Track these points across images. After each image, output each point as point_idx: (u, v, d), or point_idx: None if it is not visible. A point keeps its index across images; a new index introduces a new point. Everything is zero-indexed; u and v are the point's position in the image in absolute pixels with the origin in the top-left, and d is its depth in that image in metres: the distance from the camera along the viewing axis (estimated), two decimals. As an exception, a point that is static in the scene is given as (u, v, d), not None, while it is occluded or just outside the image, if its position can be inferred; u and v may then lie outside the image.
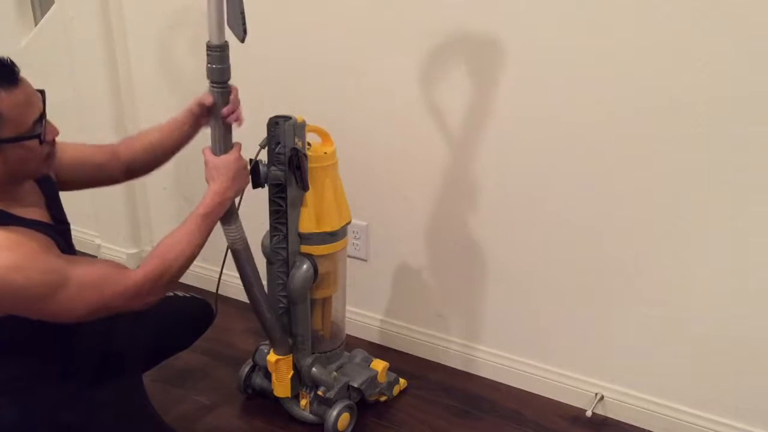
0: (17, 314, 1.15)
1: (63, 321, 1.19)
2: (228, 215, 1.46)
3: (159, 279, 1.25)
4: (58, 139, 1.24)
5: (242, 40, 1.36)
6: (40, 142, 1.16)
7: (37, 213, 1.25)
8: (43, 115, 1.17)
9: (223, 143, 1.43)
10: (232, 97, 1.41)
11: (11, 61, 1.13)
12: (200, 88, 1.47)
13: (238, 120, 1.43)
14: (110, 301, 1.21)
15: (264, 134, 1.53)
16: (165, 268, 1.26)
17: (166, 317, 1.45)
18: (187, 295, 1.68)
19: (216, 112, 1.40)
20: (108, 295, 1.20)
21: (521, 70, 1.61)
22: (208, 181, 1.40)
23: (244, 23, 1.34)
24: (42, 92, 1.18)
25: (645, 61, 1.47)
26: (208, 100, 1.41)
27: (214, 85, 1.40)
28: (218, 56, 1.37)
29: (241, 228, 1.51)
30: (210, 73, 1.39)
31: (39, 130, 1.16)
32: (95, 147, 1.49)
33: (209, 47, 1.38)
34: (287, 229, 1.59)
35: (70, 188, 1.40)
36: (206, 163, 1.42)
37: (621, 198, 1.60)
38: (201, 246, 1.33)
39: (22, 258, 1.11)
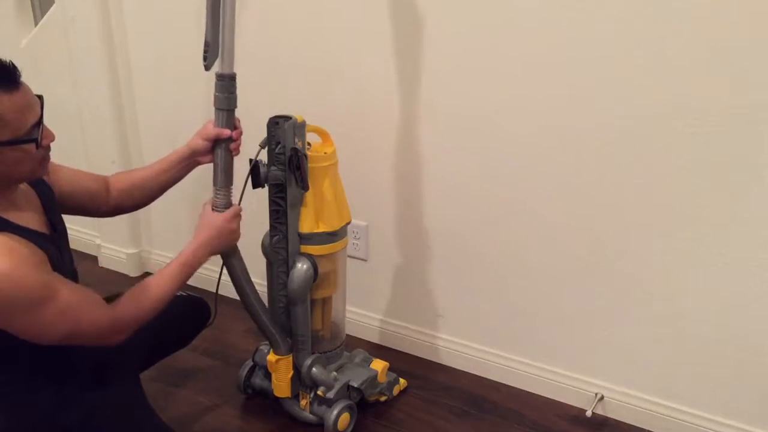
0: None
1: (35, 341, 1.17)
2: None
3: (132, 320, 1.29)
4: (55, 160, 1.25)
5: (206, 69, 1.42)
6: (37, 147, 1.17)
7: (34, 219, 1.25)
8: (40, 119, 1.17)
9: (225, 176, 1.48)
10: (235, 123, 1.46)
11: (13, 64, 1.13)
12: (199, 88, 1.47)
13: (236, 150, 1.48)
14: (84, 329, 1.21)
15: (264, 134, 1.53)
16: (140, 309, 1.30)
17: (163, 316, 1.45)
18: (184, 293, 1.68)
19: (222, 141, 1.46)
20: (84, 323, 1.20)
21: (520, 73, 1.61)
22: (195, 232, 1.44)
23: (204, 53, 1.40)
24: (40, 97, 1.19)
25: (645, 61, 1.47)
26: (215, 131, 1.45)
27: (221, 111, 1.44)
28: (228, 85, 1.42)
29: None
30: (218, 101, 1.43)
31: (36, 134, 1.16)
32: (91, 175, 1.50)
33: (218, 76, 1.42)
34: (287, 229, 1.59)
35: (62, 211, 1.40)
36: (201, 215, 1.47)
37: (621, 198, 1.60)
38: (176, 291, 1.37)
39: (14, 267, 1.09)
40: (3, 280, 1.08)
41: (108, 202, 1.50)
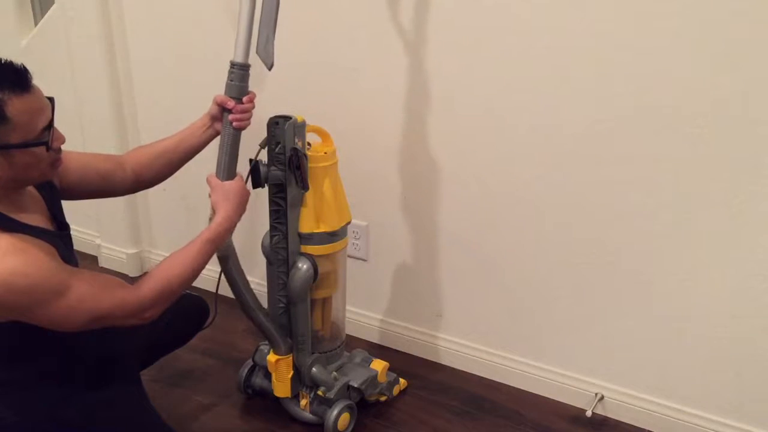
0: (17, 319, 1.15)
1: (60, 329, 1.19)
2: None
3: (159, 296, 1.28)
4: (63, 147, 1.25)
5: (270, 69, 1.42)
6: (47, 149, 1.17)
7: (40, 219, 1.26)
8: (51, 122, 1.17)
9: (230, 158, 1.46)
10: (245, 98, 1.44)
11: (24, 67, 1.13)
12: (199, 89, 1.48)
13: (243, 122, 1.45)
14: (108, 312, 1.22)
15: (264, 134, 1.53)
16: (165, 285, 1.28)
17: (162, 314, 1.45)
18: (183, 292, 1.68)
19: (227, 122, 1.45)
20: (107, 307, 1.21)
21: (521, 72, 1.61)
22: (215, 207, 1.42)
23: (273, 53, 1.41)
24: (51, 99, 1.19)
25: (645, 61, 1.47)
26: (221, 97, 1.44)
27: (231, 99, 1.44)
28: (240, 74, 1.42)
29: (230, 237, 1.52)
30: (229, 89, 1.43)
31: (47, 137, 1.16)
32: (101, 156, 1.50)
33: (233, 64, 1.42)
34: (287, 229, 1.59)
35: (75, 197, 1.41)
36: (214, 188, 1.44)
37: (621, 198, 1.60)
38: (201, 269, 1.36)
39: (27, 264, 1.11)
40: (17, 277, 1.09)
41: (125, 180, 1.49)
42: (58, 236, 1.27)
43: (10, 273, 1.09)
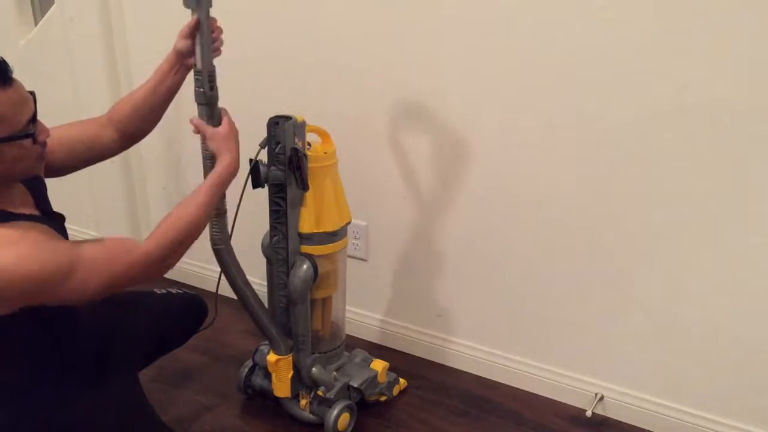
0: (34, 303, 1.15)
1: (79, 302, 1.19)
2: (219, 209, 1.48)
3: (171, 244, 1.26)
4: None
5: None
6: (34, 142, 1.17)
7: (29, 211, 1.25)
8: (35, 115, 1.18)
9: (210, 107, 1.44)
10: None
11: (4, 60, 1.13)
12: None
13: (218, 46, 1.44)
14: (122, 274, 1.21)
15: (264, 134, 1.53)
16: (173, 238, 1.26)
17: (161, 315, 1.45)
18: (180, 291, 1.68)
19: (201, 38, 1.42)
20: (118, 272, 1.20)
21: (520, 69, 1.61)
22: (217, 152, 1.40)
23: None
24: (33, 93, 1.19)
25: (646, 61, 1.47)
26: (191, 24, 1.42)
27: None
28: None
29: (226, 226, 1.51)
30: (187, 2, 1.40)
31: (32, 129, 1.17)
32: (83, 123, 1.47)
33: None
34: (287, 229, 1.59)
35: (66, 172, 1.40)
36: (210, 136, 1.41)
37: (621, 198, 1.60)
38: (210, 216, 1.34)
39: (31, 248, 1.11)
40: (27, 263, 1.09)
41: (113, 140, 1.48)
42: (51, 221, 1.27)
43: (18, 259, 1.09)
